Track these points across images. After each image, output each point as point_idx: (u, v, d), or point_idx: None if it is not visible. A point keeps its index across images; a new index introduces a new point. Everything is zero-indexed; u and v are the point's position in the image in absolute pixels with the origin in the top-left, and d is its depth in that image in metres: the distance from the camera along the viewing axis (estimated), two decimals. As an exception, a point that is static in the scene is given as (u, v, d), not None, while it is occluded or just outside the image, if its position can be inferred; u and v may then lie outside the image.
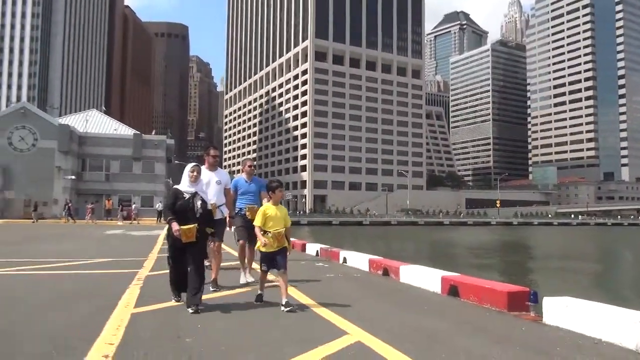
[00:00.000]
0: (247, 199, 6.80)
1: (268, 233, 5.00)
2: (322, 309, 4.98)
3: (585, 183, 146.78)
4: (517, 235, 50.82)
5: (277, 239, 5.02)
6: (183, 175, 5.00)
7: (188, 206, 4.83)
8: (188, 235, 4.71)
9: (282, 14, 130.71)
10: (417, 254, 25.62)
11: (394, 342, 3.71)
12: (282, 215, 5.18)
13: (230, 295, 5.75)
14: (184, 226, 4.71)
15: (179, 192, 4.92)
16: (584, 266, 22.42)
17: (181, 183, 4.99)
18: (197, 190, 4.94)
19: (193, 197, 4.88)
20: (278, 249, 5.04)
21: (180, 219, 4.76)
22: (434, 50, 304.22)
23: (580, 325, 4.25)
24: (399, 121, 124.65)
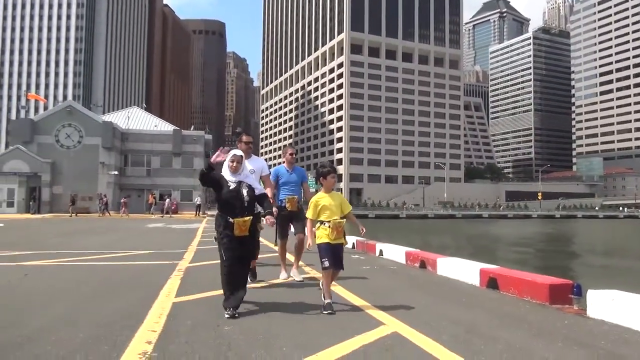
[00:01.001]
0: (288, 189, 6.31)
1: (326, 224, 4.53)
2: (359, 300, 4.98)
3: (634, 174, 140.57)
4: (560, 229, 49.24)
5: (336, 230, 4.51)
6: (225, 165, 4.57)
7: (236, 195, 4.36)
8: (242, 228, 4.28)
9: (318, 8, 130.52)
10: (454, 246, 25.22)
11: (431, 334, 3.68)
12: (338, 203, 4.65)
13: (271, 289, 5.82)
14: (237, 218, 4.27)
15: (224, 180, 4.47)
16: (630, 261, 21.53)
17: (223, 172, 4.58)
18: (241, 179, 4.50)
19: (239, 185, 4.43)
20: (334, 242, 4.53)
21: (227, 210, 4.34)
22: (473, 39, 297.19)
23: (627, 319, 4.10)
24: (436, 113, 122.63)
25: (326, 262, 4.46)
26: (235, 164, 4.51)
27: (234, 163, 4.51)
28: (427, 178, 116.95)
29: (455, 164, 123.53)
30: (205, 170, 4.44)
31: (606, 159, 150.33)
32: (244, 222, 4.29)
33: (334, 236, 4.49)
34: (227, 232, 4.30)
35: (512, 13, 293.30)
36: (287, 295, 5.24)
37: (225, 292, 4.31)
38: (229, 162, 4.53)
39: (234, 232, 4.27)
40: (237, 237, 4.28)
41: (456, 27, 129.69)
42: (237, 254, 4.32)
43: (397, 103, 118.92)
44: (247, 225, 4.31)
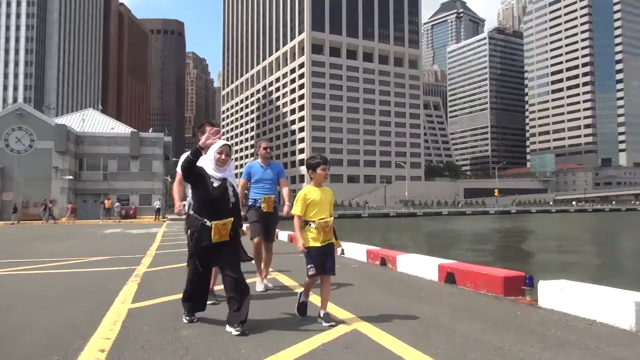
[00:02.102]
0: (262, 187, 5.68)
1: (311, 224, 3.95)
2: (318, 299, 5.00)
3: (583, 169, 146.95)
4: (515, 224, 50.92)
5: (323, 231, 3.95)
6: (206, 156, 3.83)
7: (223, 195, 3.73)
8: (222, 232, 3.65)
9: (278, 7, 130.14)
10: (415, 244, 25.69)
11: (390, 329, 3.73)
12: (329, 199, 4.12)
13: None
14: (217, 221, 3.65)
15: (206, 174, 3.76)
16: (580, 251, 22.51)
17: (205, 165, 3.84)
18: (226, 177, 3.84)
19: (225, 183, 3.79)
20: (324, 243, 3.95)
21: (208, 211, 3.68)
22: (431, 39, 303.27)
23: (575, 307, 4.28)
24: (396, 112, 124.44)
25: (312, 268, 3.89)
26: (224, 157, 3.80)
27: (223, 155, 3.79)
28: (389, 177, 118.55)
29: (415, 162, 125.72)
30: (192, 157, 3.64)
31: (558, 155, 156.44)
32: (224, 225, 3.66)
33: (321, 238, 3.94)
34: (202, 238, 3.67)
35: (469, 14, 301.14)
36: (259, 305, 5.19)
37: (188, 297, 3.90)
38: (215, 153, 3.78)
39: (211, 237, 3.63)
40: (215, 244, 3.66)
41: (415, 27, 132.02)
42: (217, 264, 3.79)
43: (358, 103, 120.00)
44: (227, 228, 3.69)
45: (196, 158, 3.64)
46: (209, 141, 3.70)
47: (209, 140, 3.70)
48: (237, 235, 3.83)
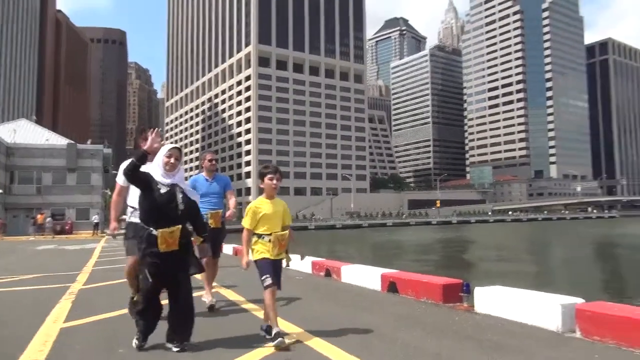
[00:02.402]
0: (209, 202, 5.38)
1: (264, 237, 3.75)
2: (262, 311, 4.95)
3: (518, 181, 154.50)
4: (456, 234, 52.69)
5: (278, 245, 3.76)
6: (154, 162, 3.58)
7: (171, 202, 3.44)
8: (169, 241, 3.38)
9: (224, 20, 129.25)
10: (360, 255, 26.00)
11: (333, 340, 3.76)
12: (282, 211, 3.89)
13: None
14: (163, 229, 3.37)
15: (153, 180, 3.49)
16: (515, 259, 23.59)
17: (152, 170, 3.56)
18: (176, 182, 3.56)
19: (173, 189, 3.51)
20: (275, 258, 3.78)
21: (155, 219, 3.42)
22: (376, 55, 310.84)
23: (508, 311, 4.48)
24: (342, 125, 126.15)
25: (269, 278, 3.66)
26: (173, 161, 3.51)
27: (172, 159, 3.51)
28: (335, 189, 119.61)
29: (361, 174, 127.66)
30: (136, 161, 3.39)
31: (495, 167, 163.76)
32: (171, 233, 3.38)
33: (275, 252, 3.74)
34: (150, 248, 3.39)
35: (411, 31, 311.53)
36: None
37: (143, 311, 3.50)
38: (164, 157, 3.51)
39: (158, 246, 3.37)
40: (163, 253, 3.38)
41: (360, 42, 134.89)
42: (166, 273, 3.44)
43: (305, 116, 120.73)
44: (175, 237, 3.40)
45: (141, 162, 3.39)
46: (155, 144, 3.51)
47: (155, 143, 3.52)
48: (187, 245, 3.54)
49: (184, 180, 3.70)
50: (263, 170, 3.92)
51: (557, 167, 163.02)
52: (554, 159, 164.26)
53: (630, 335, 3.51)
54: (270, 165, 3.96)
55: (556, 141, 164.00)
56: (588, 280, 16.19)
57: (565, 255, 27.05)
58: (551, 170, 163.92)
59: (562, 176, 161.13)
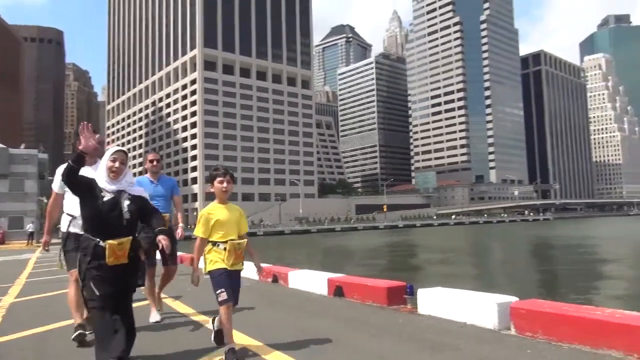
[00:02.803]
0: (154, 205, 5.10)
1: (219, 245, 3.47)
2: (192, 312, 4.87)
3: (460, 185, 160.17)
4: (402, 237, 53.92)
5: (235, 254, 3.49)
6: (99, 167, 3.28)
7: (114, 210, 3.13)
8: (118, 254, 3.10)
9: (169, 22, 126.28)
10: (308, 260, 26.08)
11: (280, 346, 3.76)
12: (236, 217, 3.62)
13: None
14: (112, 240, 3.07)
15: (96, 186, 3.18)
16: (458, 261, 24.45)
17: (97, 176, 3.24)
18: (122, 188, 3.24)
19: (118, 196, 3.18)
20: (231, 268, 3.48)
21: (98, 229, 3.11)
22: (323, 61, 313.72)
23: (449, 311, 4.64)
24: (290, 131, 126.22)
25: (224, 293, 3.37)
26: (118, 165, 3.21)
27: (117, 163, 3.21)
28: (283, 195, 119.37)
29: (309, 180, 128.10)
30: (73, 163, 3.04)
31: (439, 172, 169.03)
32: (120, 245, 3.09)
33: (231, 262, 3.46)
34: (97, 261, 3.08)
35: (357, 39, 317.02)
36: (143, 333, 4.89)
37: (100, 340, 3.08)
38: (108, 161, 3.21)
39: (106, 259, 3.07)
40: (111, 267, 3.09)
41: (307, 48, 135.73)
42: (114, 288, 3.12)
43: (252, 121, 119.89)
44: (124, 249, 3.12)
45: (78, 165, 3.03)
46: (90, 142, 3.09)
47: (90, 141, 3.09)
48: (136, 257, 3.26)
49: (133, 185, 3.33)
50: (212, 172, 3.67)
51: (497, 172, 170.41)
52: (493, 164, 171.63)
53: (558, 330, 3.73)
54: (219, 167, 3.73)
55: (495, 147, 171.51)
56: (523, 279, 17.03)
57: (504, 256, 28.32)
58: (491, 175, 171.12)
59: (501, 181, 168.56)
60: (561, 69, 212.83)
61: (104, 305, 3.11)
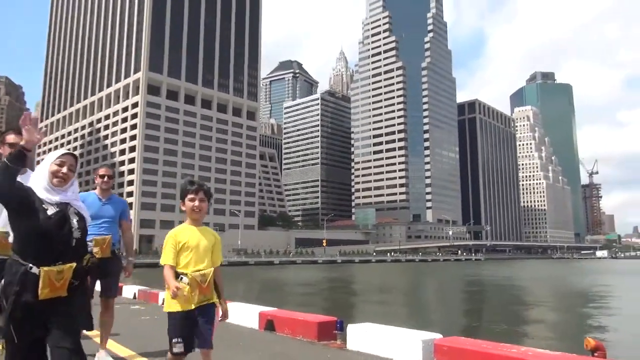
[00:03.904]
0: (98, 227, 4.31)
1: (182, 278, 2.93)
2: (128, 351, 4.65)
3: (398, 224, 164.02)
4: (339, 272, 54.12)
5: (199, 288, 2.92)
6: (37, 172, 2.54)
7: (60, 228, 2.41)
8: (55, 285, 2.32)
9: (113, 42, 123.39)
10: (244, 292, 25.55)
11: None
12: (210, 243, 3.07)
13: None
14: (50, 267, 2.32)
15: (35, 197, 2.42)
16: (391, 296, 24.81)
17: (32, 184, 2.49)
18: (68, 201, 2.53)
19: (65, 210, 2.48)
20: (200, 304, 2.93)
21: (37, 251, 2.35)
22: (269, 94, 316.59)
23: (377, 347, 4.71)
24: (232, 161, 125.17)
25: (179, 344, 2.88)
26: (66, 171, 2.52)
27: (64, 168, 2.51)
28: (222, 225, 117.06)
29: (249, 211, 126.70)
30: (11, 163, 2.28)
31: (378, 209, 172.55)
32: (60, 273, 2.33)
33: (196, 298, 2.89)
34: (24, 294, 2.28)
35: (304, 75, 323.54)
36: None
37: None
38: (52, 165, 2.51)
39: (37, 292, 2.27)
40: (41, 302, 2.28)
41: (254, 80, 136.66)
42: (42, 332, 2.33)
43: (195, 148, 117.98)
44: (65, 278, 2.34)
45: (17, 165, 2.28)
46: (35, 137, 2.33)
47: (33, 135, 2.33)
48: (80, 290, 2.47)
49: (78, 200, 2.62)
50: (183, 186, 3.13)
51: (433, 212, 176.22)
52: (430, 204, 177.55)
53: (478, 367, 3.89)
54: (193, 180, 3.16)
55: (432, 188, 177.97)
56: (451, 316, 17.53)
57: (435, 294, 29.04)
58: (427, 215, 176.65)
59: (437, 220, 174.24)
60: (494, 118, 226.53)
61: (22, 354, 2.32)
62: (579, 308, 20.82)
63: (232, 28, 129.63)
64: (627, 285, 36.12)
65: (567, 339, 11.94)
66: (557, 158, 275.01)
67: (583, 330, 13.05)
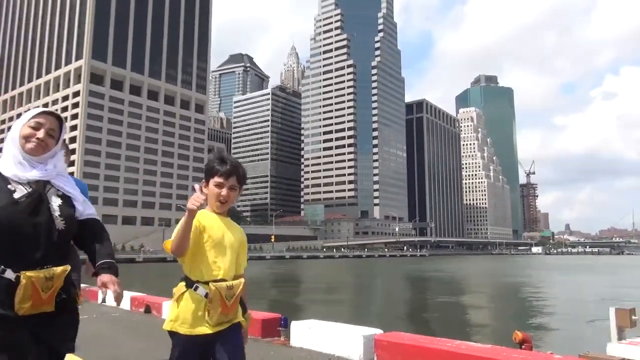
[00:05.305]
0: None
1: (198, 288, 2.09)
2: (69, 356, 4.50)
3: (347, 220, 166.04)
4: (287, 268, 54.21)
5: (222, 306, 2.06)
6: (5, 141, 1.86)
7: (32, 213, 1.71)
8: (41, 296, 1.66)
9: (53, 26, 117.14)
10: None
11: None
12: (237, 241, 2.25)
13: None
14: (30, 271, 1.65)
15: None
16: (336, 292, 25.16)
17: (3, 158, 1.80)
18: (47, 178, 1.82)
19: (41, 190, 1.77)
20: (226, 325, 2.10)
21: (11, 250, 1.66)
22: (219, 87, 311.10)
23: (320, 344, 4.80)
24: (180, 154, 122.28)
25: None
26: (43, 136, 1.80)
27: (40, 132, 1.80)
28: (168, 220, 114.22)
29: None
30: None
31: (327, 206, 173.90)
32: (47, 279, 1.68)
33: (215, 319, 2.04)
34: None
35: (255, 69, 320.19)
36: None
37: None
38: (24, 127, 1.81)
39: (13, 304, 1.63)
40: (19, 319, 1.64)
41: (203, 72, 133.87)
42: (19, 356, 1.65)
43: (140, 141, 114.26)
44: (53, 287, 1.70)
45: None
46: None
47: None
48: (69, 302, 1.81)
49: (67, 177, 1.94)
50: (211, 164, 2.25)
51: (380, 209, 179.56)
52: (377, 200, 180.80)
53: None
54: (225, 158, 2.25)
55: (379, 185, 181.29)
56: (394, 311, 18.02)
57: (381, 289, 29.69)
58: (375, 211, 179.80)
59: (384, 217, 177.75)
60: (440, 118, 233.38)
61: None
62: (512, 302, 21.95)
63: (181, 17, 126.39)
64: (555, 280, 38.40)
65: (499, 332, 12.58)
66: (498, 158, 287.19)
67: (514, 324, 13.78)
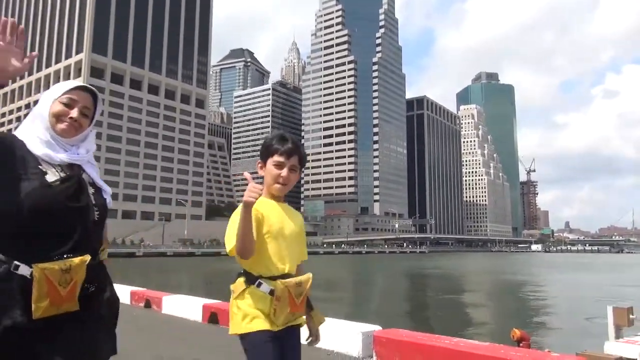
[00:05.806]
0: None
1: (262, 284, 1.90)
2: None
3: (347, 216, 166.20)
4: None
5: (291, 304, 1.89)
6: (33, 115, 1.63)
7: (72, 198, 1.47)
8: (59, 293, 1.35)
9: (53, 20, 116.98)
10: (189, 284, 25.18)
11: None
12: (298, 229, 2.14)
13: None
14: (47, 263, 1.34)
15: (28, 156, 1.50)
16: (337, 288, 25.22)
17: (25, 136, 1.57)
18: (80, 162, 1.59)
19: (76, 173, 1.55)
20: (291, 323, 1.95)
21: (36, 238, 1.39)
22: (219, 82, 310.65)
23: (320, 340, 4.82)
24: (180, 149, 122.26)
25: None
26: (77, 115, 1.58)
27: (75, 112, 1.58)
28: (168, 215, 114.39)
29: (197, 201, 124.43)
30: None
31: (327, 202, 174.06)
32: (66, 272, 1.37)
33: (281, 318, 1.87)
34: (10, 313, 1.32)
35: (255, 64, 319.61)
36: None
37: None
38: (57, 103, 1.58)
39: (32, 305, 1.33)
40: (36, 323, 1.33)
41: (204, 67, 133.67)
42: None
43: (140, 135, 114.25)
44: (75, 280, 1.39)
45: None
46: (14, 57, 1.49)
47: (13, 52, 1.48)
48: (99, 299, 1.55)
49: (94, 164, 1.72)
50: (269, 142, 2.08)
51: (380, 205, 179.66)
52: (377, 197, 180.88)
53: (414, 358, 4.08)
54: (286, 136, 2.13)
55: (380, 181, 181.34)
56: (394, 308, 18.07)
57: (380, 285, 29.76)
58: (375, 208, 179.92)
59: (384, 213, 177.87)
60: (440, 115, 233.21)
61: None
62: (510, 300, 22.01)
63: (182, 12, 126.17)
64: (553, 278, 38.48)
65: (497, 330, 12.63)
66: (498, 156, 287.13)
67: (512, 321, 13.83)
